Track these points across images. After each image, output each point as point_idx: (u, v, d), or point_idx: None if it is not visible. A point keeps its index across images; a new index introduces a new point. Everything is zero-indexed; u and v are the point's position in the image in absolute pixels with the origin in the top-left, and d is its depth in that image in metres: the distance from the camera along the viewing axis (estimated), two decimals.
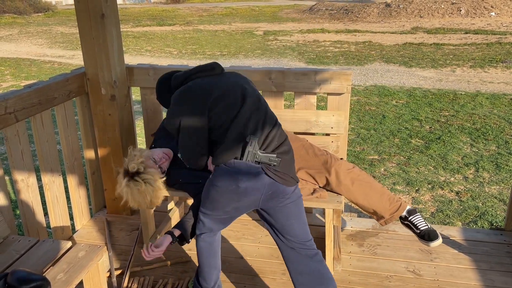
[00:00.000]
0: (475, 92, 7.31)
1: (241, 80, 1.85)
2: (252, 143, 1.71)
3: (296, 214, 1.86)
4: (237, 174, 1.73)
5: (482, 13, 16.82)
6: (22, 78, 9.37)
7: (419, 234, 2.14)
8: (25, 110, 2.25)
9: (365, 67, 9.58)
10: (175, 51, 12.37)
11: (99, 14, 2.47)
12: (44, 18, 23.13)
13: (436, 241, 2.09)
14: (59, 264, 1.75)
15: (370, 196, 2.17)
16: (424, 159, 4.74)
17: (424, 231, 2.12)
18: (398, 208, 2.17)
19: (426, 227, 2.14)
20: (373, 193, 2.16)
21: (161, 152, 2.31)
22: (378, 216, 2.22)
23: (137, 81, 2.77)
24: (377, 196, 2.16)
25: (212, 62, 1.88)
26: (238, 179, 1.73)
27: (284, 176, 1.76)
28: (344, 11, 19.57)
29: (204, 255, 2.00)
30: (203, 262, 2.01)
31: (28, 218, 2.36)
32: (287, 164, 1.78)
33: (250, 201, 1.78)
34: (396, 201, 2.17)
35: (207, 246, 1.99)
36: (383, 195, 2.16)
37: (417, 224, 2.15)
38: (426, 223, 2.16)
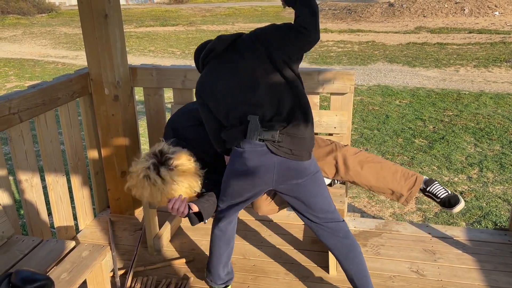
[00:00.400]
0: (479, 92, 7.28)
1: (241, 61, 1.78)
2: (253, 122, 1.73)
3: (317, 190, 1.84)
4: (244, 153, 1.76)
5: (486, 13, 16.75)
6: (26, 79, 9.41)
7: (440, 203, 2.12)
8: (29, 110, 2.26)
9: (368, 67, 9.56)
10: (178, 52, 12.39)
11: (102, 14, 2.47)
12: (48, 18, 23.21)
13: (458, 205, 2.07)
14: (62, 263, 1.76)
15: (383, 176, 2.12)
16: (428, 159, 4.72)
17: (444, 198, 2.11)
18: (415, 182, 2.13)
19: (446, 194, 2.12)
20: (385, 172, 2.11)
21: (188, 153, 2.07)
22: (397, 196, 2.16)
23: (140, 81, 2.77)
24: (390, 174, 2.11)
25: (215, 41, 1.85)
26: (246, 158, 1.76)
27: (293, 151, 1.73)
28: (347, 11, 19.53)
29: (217, 244, 2.01)
30: (214, 252, 2.04)
31: (32, 218, 2.37)
32: (296, 139, 1.73)
33: (263, 181, 1.78)
34: (411, 176, 2.13)
35: (221, 234, 2.01)
36: (396, 172, 2.11)
37: (436, 193, 2.12)
38: (446, 190, 2.14)
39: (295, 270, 2.36)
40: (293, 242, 2.61)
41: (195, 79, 2.70)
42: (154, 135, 2.90)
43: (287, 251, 2.53)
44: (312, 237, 2.65)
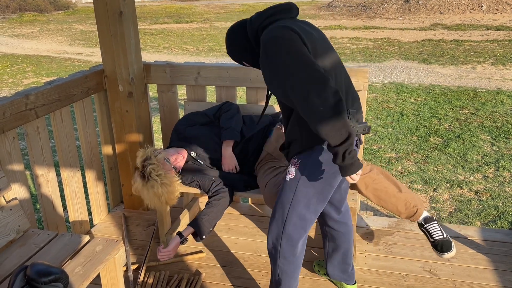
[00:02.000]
0: (496, 90, 7.15)
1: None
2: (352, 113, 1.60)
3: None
4: None
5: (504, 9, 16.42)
6: (42, 75, 9.55)
7: (433, 244, 2.11)
8: (45, 106, 2.29)
9: (383, 64, 9.47)
10: (192, 48, 12.44)
11: (117, 12, 2.50)
12: (64, 16, 23.50)
13: (449, 253, 2.06)
14: (77, 257, 1.78)
15: (384, 200, 2.16)
16: (443, 158, 4.66)
17: (438, 241, 2.09)
18: (414, 214, 2.15)
19: (441, 237, 2.10)
20: (388, 198, 2.14)
21: (176, 152, 2.36)
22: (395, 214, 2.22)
23: (154, 78, 2.80)
24: (392, 201, 2.14)
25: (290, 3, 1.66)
26: None
27: None
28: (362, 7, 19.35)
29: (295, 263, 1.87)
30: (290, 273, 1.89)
31: (47, 212, 2.41)
32: None
33: None
34: (412, 207, 2.13)
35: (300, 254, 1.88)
36: (398, 199, 2.13)
37: (432, 233, 2.12)
38: (442, 232, 2.12)
39: (305, 266, 2.36)
40: None
41: (208, 76, 2.71)
42: (167, 131, 2.92)
43: None
44: None
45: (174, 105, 2.87)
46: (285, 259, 1.85)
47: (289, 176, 1.74)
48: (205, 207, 2.23)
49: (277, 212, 1.81)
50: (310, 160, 1.66)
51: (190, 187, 2.38)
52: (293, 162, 1.72)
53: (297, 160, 1.70)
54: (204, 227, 2.16)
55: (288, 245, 1.82)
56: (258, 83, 2.65)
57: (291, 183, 1.73)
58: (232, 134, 2.38)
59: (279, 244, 1.83)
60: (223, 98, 2.76)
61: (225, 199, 2.24)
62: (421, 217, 2.14)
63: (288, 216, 1.77)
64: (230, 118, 2.45)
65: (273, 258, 1.89)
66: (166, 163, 2.28)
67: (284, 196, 1.77)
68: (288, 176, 1.74)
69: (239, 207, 2.99)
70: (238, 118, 2.47)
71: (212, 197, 2.24)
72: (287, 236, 1.80)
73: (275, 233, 1.84)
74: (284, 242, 1.82)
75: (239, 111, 2.54)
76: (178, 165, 2.34)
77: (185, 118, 2.57)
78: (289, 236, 1.80)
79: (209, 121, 2.54)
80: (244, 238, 2.64)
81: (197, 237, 2.17)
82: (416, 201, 2.14)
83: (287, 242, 1.82)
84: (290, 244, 1.82)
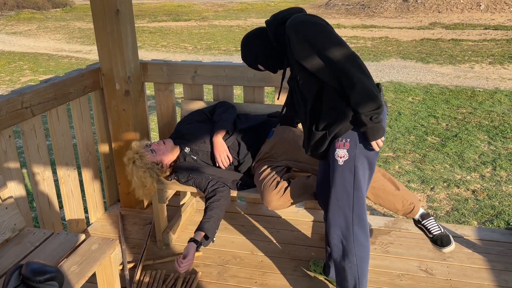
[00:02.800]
0: (493, 89, 7.16)
1: None
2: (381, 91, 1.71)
3: None
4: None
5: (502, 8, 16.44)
6: (40, 73, 9.52)
7: (432, 239, 2.11)
8: (41, 104, 2.29)
9: (381, 63, 9.47)
10: (190, 47, 12.42)
11: (113, 10, 2.49)
12: (62, 13, 23.43)
13: (449, 246, 2.07)
14: (72, 256, 1.78)
15: (381, 197, 2.16)
16: (440, 157, 4.67)
17: (437, 236, 2.10)
18: (411, 211, 2.15)
19: (439, 232, 2.11)
20: (386, 195, 2.14)
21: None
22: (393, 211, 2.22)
23: (151, 76, 2.79)
24: (390, 198, 2.14)
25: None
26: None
27: None
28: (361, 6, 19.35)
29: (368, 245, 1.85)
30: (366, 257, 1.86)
31: (43, 211, 2.41)
32: None
33: None
34: (409, 204, 2.14)
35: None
36: (396, 197, 2.13)
37: (430, 228, 2.12)
38: (440, 228, 2.13)
39: (302, 266, 2.37)
40: (301, 239, 2.61)
41: (205, 75, 2.71)
42: (164, 129, 2.92)
43: (295, 247, 2.53)
44: (320, 234, 2.65)
45: (171, 104, 2.86)
46: (362, 245, 1.81)
47: (342, 160, 1.72)
48: (207, 209, 2.21)
49: (341, 201, 1.77)
50: (357, 135, 1.70)
51: (187, 186, 2.38)
52: (339, 145, 1.72)
53: (344, 140, 1.71)
54: (212, 229, 2.15)
55: (361, 229, 1.79)
56: (255, 82, 2.65)
57: (348, 165, 1.72)
58: (223, 125, 2.41)
59: (351, 232, 1.79)
60: (220, 97, 2.76)
61: (223, 199, 2.23)
62: (418, 214, 2.15)
63: (355, 199, 1.75)
64: (223, 112, 2.51)
65: (345, 252, 1.83)
66: (146, 149, 2.36)
67: (344, 180, 1.75)
68: (341, 159, 1.73)
69: (235, 206, 2.99)
70: (231, 112, 2.51)
71: (210, 198, 2.24)
72: (359, 220, 1.78)
73: (343, 224, 1.80)
74: (357, 228, 1.79)
75: (234, 108, 2.55)
76: (155, 147, 2.38)
77: (184, 118, 2.61)
78: (360, 219, 1.78)
79: (206, 118, 2.57)
80: (240, 237, 2.64)
81: (207, 241, 2.15)
82: (413, 199, 2.15)
83: (359, 227, 1.79)
84: (362, 227, 1.79)
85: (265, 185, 2.19)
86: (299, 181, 2.22)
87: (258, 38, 1.88)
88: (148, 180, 2.32)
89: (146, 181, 2.32)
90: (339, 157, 1.73)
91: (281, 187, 2.18)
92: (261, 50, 1.86)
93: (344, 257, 1.85)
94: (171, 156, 2.41)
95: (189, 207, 2.87)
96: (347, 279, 1.89)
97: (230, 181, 2.35)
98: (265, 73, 2.60)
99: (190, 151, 2.42)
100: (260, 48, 1.86)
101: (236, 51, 11.46)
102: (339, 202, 1.78)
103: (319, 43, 1.62)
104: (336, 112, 1.68)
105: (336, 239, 1.84)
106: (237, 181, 2.36)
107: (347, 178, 1.74)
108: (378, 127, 1.64)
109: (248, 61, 1.94)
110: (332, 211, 1.81)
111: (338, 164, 1.74)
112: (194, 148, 2.42)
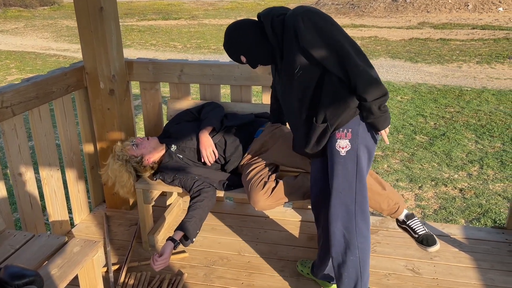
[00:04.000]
0: (481, 88, 7.22)
1: None
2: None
3: None
4: None
5: (490, 8, 16.62)
6: (27, 72, 9.39)
7: (417, 239, 2.11)
8: (22, 104, 2.24)
9: (371, 62, 9.50)
10: (180, 45, 12.35)
11: (97, 7, 2.44)
12: (50, 11, 23.16)
13: (434, 246, 2.06)
14: (53, 259, 1.74)
15: (368, 197, 2.14)
16: (428, 156, 4.69)
17: (422, 236, 2.09)
18: (395, 211, 2.14)
19: (424, 231, 2.11)
20: (372, 195, 2.13)
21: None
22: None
23: (136, 75, 2.75)
24: (375, 198, 2.13)
25: None
26: None
27: None
28: (351, 6, 19.41)
29: (369, 236, 1.81)
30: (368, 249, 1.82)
31: (25, 213, 2.36)
32: None
33: None
34: (394, 204, 2.13)
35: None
36: (381, 196, 2.12)
37: (415, 228, 2.12)
38: (424, 228, 2.13)
39: (290, 267, 2.35)
40: (288, 239, 2.59)
41: (191, 74, 2.67)
42: (151, 129, 2.88)
43: (282, 248, 2.51)
44: (308, 234, 2.64)
45: (158, 103, 2.82)
46: (363, 236, 1.77)
47: (344, 150, 1.71)
48: (190, 209, 2.19)
49: (343, 193, 1.74)
50: (359, 125, 1.69)
51: (172, 186, 2.35)
52: (340, 135, 1.71)
53: (346, 131, 1.70)
54: (193, 230, 2.12)
55: (363, 220, 1.76)
56: (242, 81, 2.62)
57: (350, 155, 1.71)
58: (210, 122, 2.39)
59: (353, 224, 1.75)
60: (207, 96, 2.73)
61: (207, 200, 2.21)
62: (402, 214, 2.14)
63: (357, 189, 1.73)
64: (210, 110, 2.50)
65: (347, 245, 1.78)
66: (130, 144, 2.38)
67: (346, 171, 1.72)
68: (343, 150, 1.71)
69: (223, 206, 2.96)
70: (218, 111, 2.49)
71: (194, 198, 2.21)
72: (361, 211, 1.75)
73: (345, 217, 1.75)
74: (360, 219, 1.75)
75: (221, 108, 2.54)
76: (138, 141, 2.38)
77: (172, 119, 2.60)
78: (362, 210, 1.75)
79: (194, 117, 2.55)
80: (227, 238, 2.62)
81: (187, 241, 2.13)
82: (398, 199, 2.14)
83: (361, 218, 1.75)
84: (363, 218, 1.76)
85: (252, 185, 2.17)
86: (286, 181, 2.20)
87: (248, 28, 1.80)
88: (124, 174, 2.29)
89: (122, 175, 2.29)
90: (341, 148, 1.71)
91: (269, 187, 2.16)
92: (249, 41, 1.79)
93: (346, 251, 1.80)
94: (154, 153, 2.38)
95: (176, 207, 2.84)
96: (349, 275, 1.83)
97: (216, 181, 2.32)
98: (252, 72, 2.58)
99: (177, 149, 2.39)
100: (248, 39, 1.79)
101: None
102: (341, 194, 1.74)
103: (327, 31, 1.62)
104: (338, 102, 1.67)
105: (338, 234, 1.79)
106: (224, 181, 2.33)
107: (349, 168, 1.72)
108: (386, 116, 1.66)
109: (232, 50, 1.86)
110: (334, 205, 1.76)
111: (340, 155, 1.71)
112: (181, 145, 2.39)
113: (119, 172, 2.30)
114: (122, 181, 2.31)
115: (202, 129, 2.36)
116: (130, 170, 2.33)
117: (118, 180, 2.32)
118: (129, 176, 2.32)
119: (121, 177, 2.31)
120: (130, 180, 2.33)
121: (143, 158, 2.35)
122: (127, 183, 2.32)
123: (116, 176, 2.31)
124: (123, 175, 2.31)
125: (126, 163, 2.32)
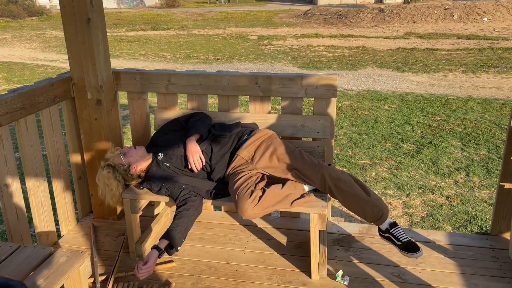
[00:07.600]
0: (466, 97, 7.35)
1: None
2: None
3: None
4: None
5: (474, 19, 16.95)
6: (14, 82, 9.33)
7: (401, 246, 2.13)
8: (9, 115, 2.23)
9: (358, 72, 9.61)
10: (169, 55, 12.37)
11: (85, 18, 2.46)
12: (38, 22, 23.08)
13: (418, 252, 2.09)
14: (39, 270, 1.73)
15: (353, 203, 2.17)
16: (415, 164, 4.75)
17: (407, 243, 2.12)
18: (379, 219, 2.17)
19: (407, 239, 2.13)
20: (357, 201, 2.16)
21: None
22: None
23: (124, 85, 2.76)
24: (361, 204, 2.16)
25: None
26: None
27: None
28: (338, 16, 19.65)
29: None
30: None
31: (11, 224, 2.34)
32: None
33: None
34: (378, 211, 2.16)
35: None
36: (366, 203, 2.15)
37: (399, 236, 2.14)
38: (407, 236, 2.15)
39: (278, 275, 2.36)
40: (276, 247, 2.60)
41: (178, 84, 2.69)
42: (138, 139, 2.88)
43: (270, 256, 2.52)
44: (295, 242, 2.65)
45: (145, 113, 2.83)
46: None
47: None
48: (175, 217, 2.20)
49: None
50: None
51: (159, 195, 2.35)
52: None
53: None
54: (178, 238, 2.13)
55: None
56: (229, 91, 2.65)
57: None
58: (197, 129, 2.42)
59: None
60: (195, 106, 2.75)
61: (193, 209, 2.21)
62: (386, 222, 2.17)
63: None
64: (198, 119, 2.52)
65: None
66: (119, 154, 2.40)
67: None
68: None
69: (211, 215, 2.97)
70: (206, 120, 2.53)
71: (180, 206, 2.22)
72: None
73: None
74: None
75: (209, 117, 2.56)
76: (125, 150, 2.41)
77: (160, 128, 2.61)
78: None
79: (181, 127, 2.57)
80: (215, 247, 2.62)
81: (171, 250, 2.13)
82: (382, 206, 2.16)
83: None
84: None
85: (239, 194, 2.18)
86: (273, 189, 2.22)
87: None
88: (113, 182, 2.30)
89: (110, 183, 2.30)
90: None
91: (256, 196, 2.17)
92: None
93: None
94: (142, 162, 2.39)
95: (164, 217, 2.84)
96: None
97: (204, 190, 2.33)
98: (240, 82, 2.61)
99: (164, 157, 2.40)
100: None
101: (215, 60, 11.46)
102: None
103: None
104: None
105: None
106: (211, 190, 2.34)
107: None
108: None
109: None
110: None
111: None
112: (168, 153, 2.40)
113: (108, 179, 2.30)
114: (111, 189, 2.31)
115: (189, 136, 2.38)
116: (118, 178, 2.33)
117: (107, 188, 2.32)
118: (118, 184, 2.33)
119: (110, 184, 2.31)
120: (119, 188, 2.34)
121: (130, 167, 2.36)
122: (115, 191, 2.32)
123: (104, 183, 2.31)
124: (111, 183, 2.31)
125: (114, 170, 2.33)
